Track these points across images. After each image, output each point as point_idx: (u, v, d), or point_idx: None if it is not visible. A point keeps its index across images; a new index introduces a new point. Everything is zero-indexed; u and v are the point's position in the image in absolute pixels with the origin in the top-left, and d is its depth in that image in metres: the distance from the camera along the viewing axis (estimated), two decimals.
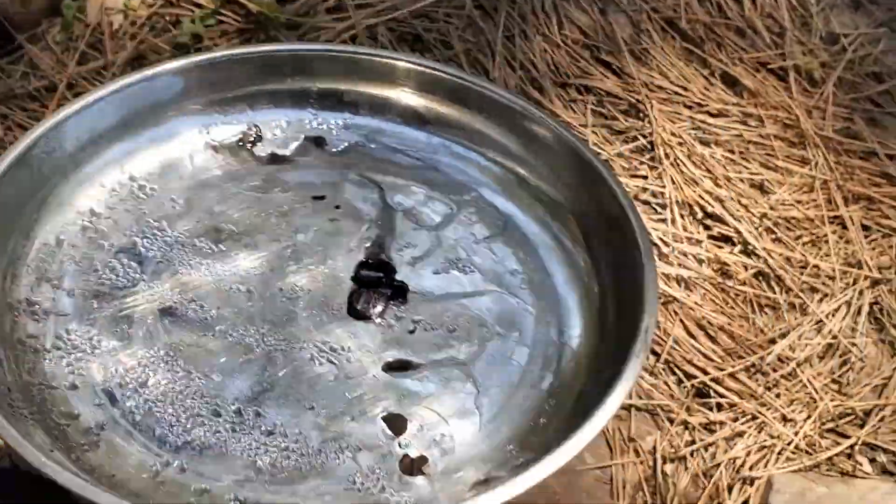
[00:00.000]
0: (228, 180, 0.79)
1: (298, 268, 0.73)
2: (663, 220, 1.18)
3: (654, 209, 1.19)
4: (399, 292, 0.73)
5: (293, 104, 0.82)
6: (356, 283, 0.73)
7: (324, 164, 0.81)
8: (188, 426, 0.64)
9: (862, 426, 1.08)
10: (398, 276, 0.74)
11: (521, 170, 0.80)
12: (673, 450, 1.03)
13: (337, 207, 0.77)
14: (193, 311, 0.70)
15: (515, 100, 0.80)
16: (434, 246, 0.76)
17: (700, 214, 1.18)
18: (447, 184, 0.80)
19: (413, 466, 0.63)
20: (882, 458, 1.07)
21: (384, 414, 0.65)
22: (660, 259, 1.15)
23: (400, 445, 0.64)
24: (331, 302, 0.71)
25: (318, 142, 0.82)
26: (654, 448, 1.03)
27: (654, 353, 1.09)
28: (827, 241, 1.19)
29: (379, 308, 0.71)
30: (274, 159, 0.81)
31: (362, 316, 0.70)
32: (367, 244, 0.75)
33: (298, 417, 0.64)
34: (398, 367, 0.68)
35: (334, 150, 0.81)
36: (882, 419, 1.09)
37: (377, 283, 0.73)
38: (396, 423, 0.65)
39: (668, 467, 1.03)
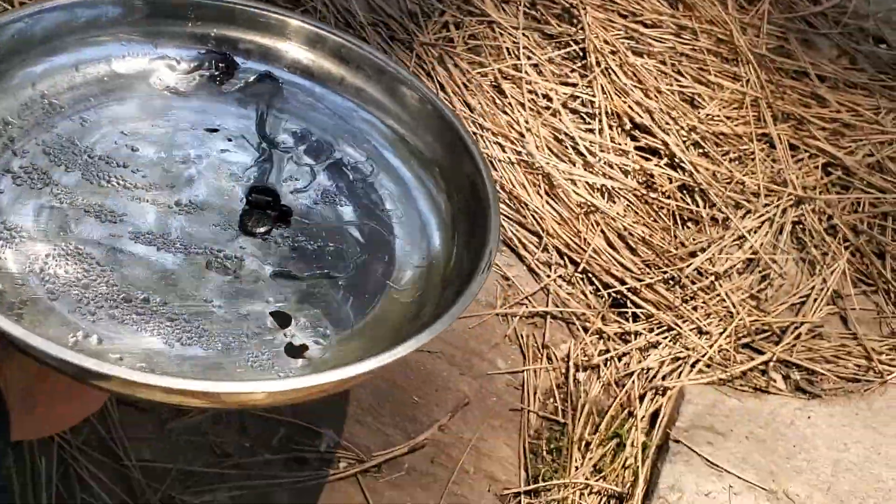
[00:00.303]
0: (133, 108, 0.87)
1: (195, 187, 0.81)
2: (591, 130, 1.15)
3: (583, 118, 1.15)
4: (284, 216, 0.82)
5: (194, 45, 0.91)
6: (248, 205, 0.82)
7: (218, 101, 0.89)
8: (103, 307, 0.72)
9: (778, 343, 1.07)
10: (283, 203, 0.84)
11: (394, 123, 0.90)
12: (586, 358, 1.01)
13: (229, 140, 0.86)
14: (103, 215, 0.78)
15: (390, 63, 0.90)
16: (314, 181, 0.85)
17: (629, 125, 1.15)
18: (329, 128, 0.89)
19: (296, 352, 0.73)
20: (796, 375, 1.06)
21: (272, 310, 0.75)
22: (585, 169, 1.12)
23: (285, 335, 0.74)
24: (225, 219, 0.80)
25: (213, 81, 0.90)
26: (568, 356, 1.01)
27: (572, 262, 1.07)
28: (754, 158, 1.17)
29: (266, 227, 0.81)
30: (174, 93, 0.88)
31: (252, 233, 0.80)
32: (256, 173, 0.85)
33: (199, 308, 0.74)
34: (283, 276, 0.78)
35: (227, 90, 0.89)
36: (798, 337, 1.08)
37: (266, 205, 0.82)
38: (282, 319, 0.75)
39: (581, 375, 1.01)
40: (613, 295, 1.05)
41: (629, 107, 1.15)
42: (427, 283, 0.81)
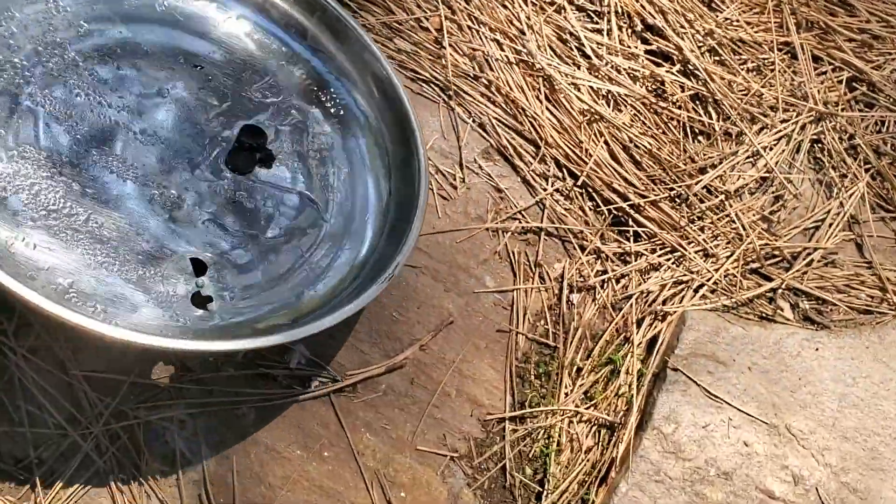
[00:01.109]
0: (130, 23, 0.87)
1: (162, 119, 0.83)
2: (599, 31, 1.05)
3: (590, 16, 1.05)
4: (267, 159, 0.85)
5: None
6: (238, 144, 0.85)
7: (209, 38, 0.89)
8: (45, 216, 0.74)
9: (788, 269, 1.00)
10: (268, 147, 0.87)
11: (366, 107, 0.90)
12: (582, 279, 0.94)
13: (208, 79, 0.87)
14: (71, 127, 0.79)
15: (379, 57, 0.90)
16: (274, 140, 0.87)
17: (640, 26, 1.05)
18: (303, 94, 0.91)
19: (201, 301, 0.77)
20: (805, 304, 0.99)
21: (192, 256, 0.78)
22: (589, 72, 1.02)
23: (196, 284, 0.77)
24: (179, 155, 0.82)
25: (208, 20, 0.90)
26: (562, 275, 0.94)
27: (571, 175, 0.98)
28: (773, 69, 1.07)
29: (251, 168, 0.84)
30: (172, 24, 0.88)
31: (240, 171, 0.84)
32: (223, 119, 0.85)
33: (129, 237, 0.77)
34: (214, 224, 0.81)
35: (221, 31, 0.90)
36: (810, 263, 1.01)
37: (253, 147, 0.86)
38: (199, 266, 0.78)
39: (575, 297, 0.93)
40: (614, 212, 0.97)
41: (641, 6, 1.05)
42: (341, 268, 0.83)
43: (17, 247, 0.72)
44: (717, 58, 1.06)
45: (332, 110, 0.90)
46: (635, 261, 0.95)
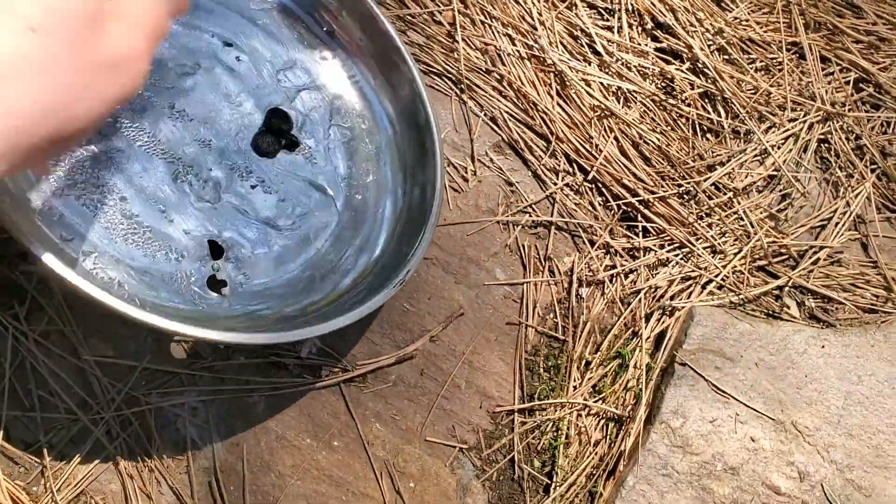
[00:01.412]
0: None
1: (192, 95, 0.83)
2: (609, 28, 1.05)
3: (601, 13, 1.06)
4: (292, 145, 0.86)
5: None
6: (265, 126, 0.85)
7: (242, 21, 0.90)
8: (69, 185, 0.75)
9: (794, 267, 1.00)
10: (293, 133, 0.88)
11: (388, 105, 0.91)
12: (591, 273, 0.94)
13: (238, 59, 0.87)
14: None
15: (407, 58, 0.89)
16: (298, 127, 0.88)
17: (650, 24, 1.06)
18: (327, 84, 0.91)
19: (216, 286, 0.78)
20: (811, 302, 1.00)
21: (209, 238, 0.78)
22: (600, 69, 1.03)
23: (212, 268, 0.78)
24: (205, 136, 0.82)
25: (240, 3, 0.91)
26: (571, 270, 0.94)
27: (581, 170, 0.99)
28: (782, 69, 1.08)
29: (275, 151, 0.85)
30: (207, 5, 0.90)
31: (264, 153, 0.84)
32: (251, 99, 0.86)
33: (153, 214, 0.77)
34: (235, 209, 0.81)
35: (253, 16, 0.90)
36: (816, 262, 1.01)
37: (280, 132, 0.86)
38: (216, 250, 0.79)
39: (584, 290, 0.93)
40: (623, 207, 0.97)
41: (652, 4, 1.05)
42: (352, 265, 0.84)
43: (43, 215, 0.72)
44: (726, 56, 1.07)
45: (357, 105, 0.90)
46: (644, 256, 0.95)
